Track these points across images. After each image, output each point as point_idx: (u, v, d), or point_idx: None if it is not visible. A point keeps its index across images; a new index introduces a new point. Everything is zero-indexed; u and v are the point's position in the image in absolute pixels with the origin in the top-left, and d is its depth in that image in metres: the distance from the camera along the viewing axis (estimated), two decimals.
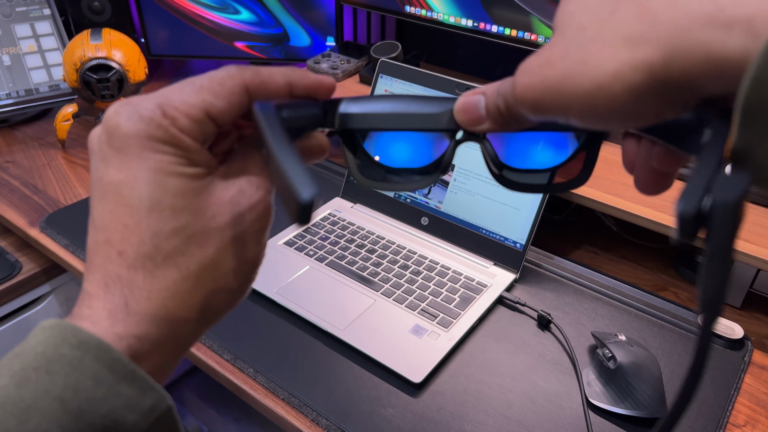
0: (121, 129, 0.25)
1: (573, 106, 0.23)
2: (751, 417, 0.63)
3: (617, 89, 0.21)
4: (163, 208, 0.25)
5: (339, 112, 0.30)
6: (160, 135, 0.25)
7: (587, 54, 0.22)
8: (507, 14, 0.93)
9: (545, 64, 0.23)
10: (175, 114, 0.26)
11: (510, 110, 0.26)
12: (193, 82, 0.27)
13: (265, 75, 0.28)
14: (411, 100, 0.30)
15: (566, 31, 0.23)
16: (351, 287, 0.77)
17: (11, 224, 0.93)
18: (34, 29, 1.17)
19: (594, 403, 0.63)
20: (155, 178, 0.25)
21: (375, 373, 0.67)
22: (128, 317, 0.25)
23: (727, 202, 0.19)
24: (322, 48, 1.26)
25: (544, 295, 0.78)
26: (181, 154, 0.26)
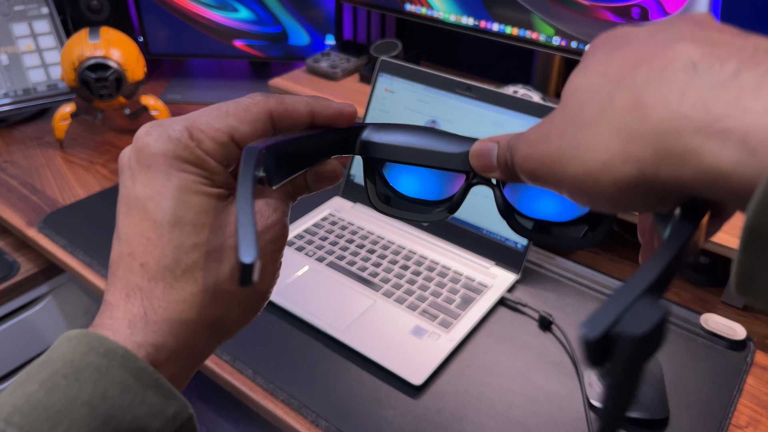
0: (150, 148, 0.27)
1: (564, 185, 0.23)
2: (753, 418, 0.63)
3: (605, 180, 0.21)
4: (185, 224, 0.27)
5: (361, 139, 0.32)
6: (186, 155, 0.27)
7: (581, 137, 0.22)
8: (508, 12, 0.93)
9: (544, 139, 0.24)
10: (202, 137, 0.28)
11: (512, 169, 0.27)
12: (220, 107, 0.29)
13: (289, 103, 0.30)
14: (432, 135, 0.31)
15: (568, 107, 0.23)
16: (351, 288, 0.77)
17: (9, 224, 0.93)
18: (32, 28, 1.16)
19: (595, 404, 0.62)
20: (179, 195, 0.27)
21: (375, 374, 0.66)
22: (147, 326, 0.26)
23: (633, 337, 0.18)
24: (322, 47, 1.26)
25: (545, 296, 0.77)
26: (205, 174, 0.28)
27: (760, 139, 0.17)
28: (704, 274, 0.81)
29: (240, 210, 0.24)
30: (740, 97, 0.18)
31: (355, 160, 0.93)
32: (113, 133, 1.16)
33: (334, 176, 0.32)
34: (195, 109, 0.29)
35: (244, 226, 0.23)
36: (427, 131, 0.31)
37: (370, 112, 0.90)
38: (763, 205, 0.17)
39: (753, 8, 0.72)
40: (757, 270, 0.18)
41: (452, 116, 0.83)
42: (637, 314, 0.18)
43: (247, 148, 0.26)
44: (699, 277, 0.82)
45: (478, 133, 0.90)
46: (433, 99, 0.84)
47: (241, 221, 0.24)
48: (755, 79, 0.18)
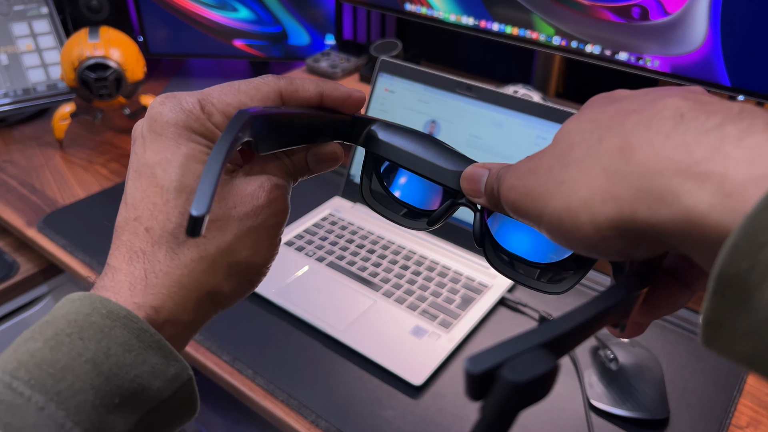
0: (163, 117, 0.28)
1: (543, 220, 0.23)
2: (753, 418, 0.63)
3: (583, 217, 0.21)
4: (190, 192, 0.28)
5: (367, 131, 0.32)
6: (196, 126, 0.28)
7: (567, 174, 0.22)
8: (508, 12, 0.93)
9: (531, 172, 0.24)
10: (212, 110, 0.29)
11: (496, 199, 0.27)
12: (232, 84, 0.30)
13: (299, 84, 0.31)
14: (435, 147, 0.31)
15: (558, 146, 0.24)
16: (351, 288, 0.77)
17: (9, 224, 0.93)
18: (31, 28, 1.16)
19: (595, 404, 0.62)
20: (186, 163, 0.28)
21: (375, 374, 0.66)
22: (147, 289, 0.27)
23: (510, 382, 0.18)
24: (322, 46, 1.26)
25: (545, 296, 0.77)
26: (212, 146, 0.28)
27: (737, 183, 0.17)
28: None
29: (208, 163, 0.24)
30: (722, 144, 0.18)
31: (355, 162, 0.93)
32: (113, 133, 1.16)
33: (334, 158, 0.33)
34: None
35: (207, 179, 0.23)
36: (431, 142, 0.31)
37: (370, 112, 0.90)
38: (734, 250, 0.16)
39: (753, 8, 0.72)
40: (724, 319, 0.17)
41: (452, 116, 0.82)
42: (525, 362, 0.18)
43: (239, 111, 0.27)
44: None
45: (478, 133, 0.90)
46: (433, 99, 0.84)
47: (205, 174, 0.24)
48: (738, 131, 0.18)
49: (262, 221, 0.29)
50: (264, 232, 0.30)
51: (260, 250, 0.30)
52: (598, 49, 0.87)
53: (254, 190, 0.29)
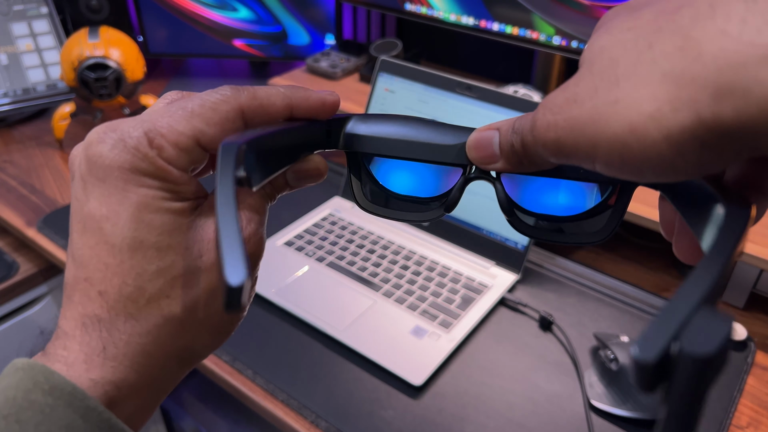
0: (104, 159, 0.24)
1: (600, 151, 0.20)
2: (753, 419, 0.63)
3: (654, 134, 0.18)
4: (147, 248, 0.24)
5: (345, 131, 0.29)
6: (145, 167, 0.24)
7: (619, 92, 0.19)
8: (508, 12, 0.93)
9: (571, 101, 0.20)
10: (162, 143, 0.24)
11: (527, 150, 0.23)
12: (184, 105, 0.25)
13: (263, 97, 0.26)
14: (423, 126, 0.28)
15: (595, 66, 0.20)
16: (351, 288, 0.77)
17: (8, 224, 0.92)
18: (31, 28, 1.16)
19: (596, 405, 0.62)
20: (139, 215, 0.24)
21: (375, 374, 0.66)
22: (105, 362, 0.24)
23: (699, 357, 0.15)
24: (322, 46, 1.25)
25: (545, 296, 0.77)
26: (168, 187, 0.24)
27: None
28: None
29: (222, 221, 0.20)
30: None
31: None
32: None
33: (317, 174, 0.29)
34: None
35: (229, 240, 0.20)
36: (418, 121, 0.28)
37: (370, 112, 0.90)
38: None
39: None
40: None
41: (452, 116, 0.82)
42: (700, 329, 0.16)
43: (225, 144, 0.22)
44: None
45: None
46: (433, 98, 0.84)
47: (224, 234, 0.20)
48: None
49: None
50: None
51: None
52: None
53: None
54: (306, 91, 0.28)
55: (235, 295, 0.19)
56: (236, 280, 0.19)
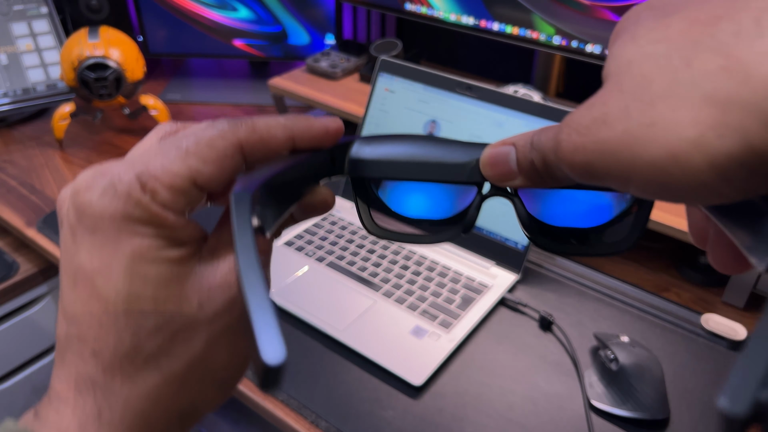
0: (94, 207, 0.22)
1: (635, 177, 0.18)
2: None
3: (697, 161, 0.16)
4: (144, 303, 0.22)
5: (350, 157, 0.27)
6: (138, 214, 0.22)
7: (655, 113, 0.17)
8: (508, 12, 0.92)
9: (600, 122, 0.19)
10: (156, 186, 0.22)
11: (549, 169, 0.22)
12: (178, 144, 0.23)
13: (263, 130, 0.24)
14: (432, 144, 0.27)
15: (624, 83, 0.18)
16: (351, 288, 0.77)
17: (8, 224, 0.93)
18: (31, 28, 1.16)
19: (596, 405, 0.62)
20: (134, 267, 0.22)
21: (375, 374, 0.66)
22: (101, 427, 0.22)
23: None
24: (322, 46, 1.25)
25: (545, 296, 0.77)
26: (164, 234, 0.23)
27: None
28: (705, 274, 0.81)
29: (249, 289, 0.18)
30: None
31: None
32: (113, 132, 1.16)
33: (325, 206, 0.27)
34: (194, 109, 0.25)
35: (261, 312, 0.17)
36: (425, 140, 0.27)
37: (370, 112, 0.90)
38: None
39: None
40: None
41: (452, 116, 0.82)
42: None
43: (236, 194, 0.20)
44: (700, 277, 0.81)
45: (478, 132, 0.89)
46: (433, 98, 0.84)
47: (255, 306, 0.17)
48: None
49: (238, 315, 0.23)
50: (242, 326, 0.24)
51: (239, 350, 0.24)
52: (598, 48, 0.87)
53: (224, 277, 0.23)
54: (308, 120, 0.26)
55: (273, 375, 0.17)
56: (275, 358, 0.17)
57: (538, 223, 0.27)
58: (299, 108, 1.21)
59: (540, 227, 0.27)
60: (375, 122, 0.89)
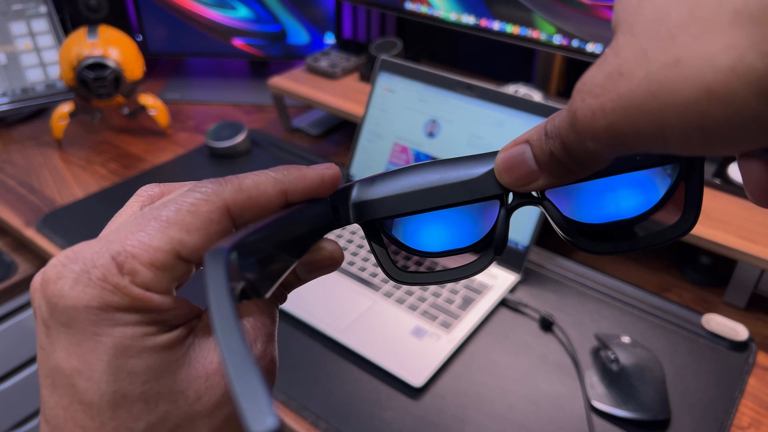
0: (66, 299, 0.19)
1: (671, 130, 0.15)
2: (755, 419, 0.63)
3: (741, 91, 0.14)
4: (132, 402, 0.19)
5: (352, 202, 0.25)
6: (117, 301, 0.19)
7: (679, 48, 0.15)
8: (509, 11, 0.92)
9: (615, 75, 0.16)
10: (135, 266, 0.19)
11: (571, 152, 0.19)
12: (157, 214, 0.20)
13: (251, 188, 0.22)
14: (438, 167, 0.24)
15: (637, 24, 0.16)
16: (350, 288, 0.76)
17: (7, 224, 0.92)
18: (30, 27, 1.16)
19: (596, 405, 0.62)
20: (117, 362, 0.19)
21: (375, 375, 0.66)
22: None
23: None
24: (321, 45, 1.25)
25: (546, 297, 0.77)
26: (149, 319, 0.20)
27: None
28: (706, 274, 0.81)
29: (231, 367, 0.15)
30: None
31: (355, 161, 0.92)
32: (112, 132, 1.16)
33: (333, 263, 0.25)
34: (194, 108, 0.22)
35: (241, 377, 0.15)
36: (429, 165, 0.24)
37: (370, 111, 0.89)
38: None
39: None
40: None
41: (452, 115, 0.82)
42: None
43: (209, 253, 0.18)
44: (701, 277, 0.81)
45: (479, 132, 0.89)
46: (433, 98, 0.83)
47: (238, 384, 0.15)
48: None
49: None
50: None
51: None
52: (599, 48, 0.86)
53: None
54: (300, 171, 0.23)
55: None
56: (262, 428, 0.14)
57: (577, 225, 0.24)
58: (299, 108, 1.20)
59: (580, 229, 0.24)
60: (375, 122, 0.89)
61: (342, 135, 1.15)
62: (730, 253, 0.71)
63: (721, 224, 0.73)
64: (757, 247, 0.69)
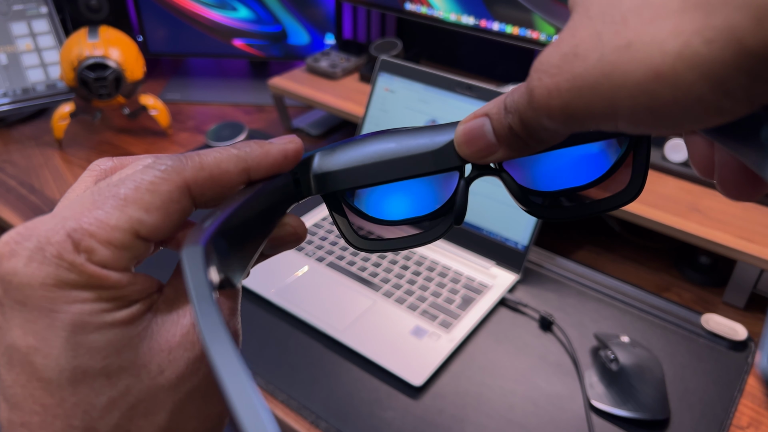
0: (20, 276, 0.18)
1: (622, 109, 0.16)
2: (754, 419, 0.63)
3: (687, 75, 0.14)
4: (92, 377, 0.19)
5: (313, 173, 0.24)
6: (74, 278, 0.19)
7: (630, 32, 0.15)
8: (508, 11, 0.92)
9: (571, 56, 0.17)
10: (92, 244, 0.19)
11: (528, 128, 0.20)
12: (115, 192, 0.20)
13: (212, 166, 0.21)
14: (397, 137, 0.24)
15: (592, 7, 0.17)
16: (350, 288, 0.77)
17: (7, 224, 0.92)
18: (30, 27, 1.16)
19: (596, 405, 0.62)
20: (76, 338, 0.19)
21: (375, 375, 0.66)
22: None
23: None
24: (321, 46, 1.25)
25: (546, 296, 0.77)
26: (107, 295, 0.19)
27: None
28: (705, 274, 0.81)
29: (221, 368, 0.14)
30: None
31: None
32: (112, 132, 1.16)
33: (295, 239, 0.25)
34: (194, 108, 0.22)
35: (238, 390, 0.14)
36: (389, 134, 0.25)
37: (370, 112, 0.89)
38: None
39: None
40: None
41: (452, 116, 0.82)
42: None
43: (186, 250, 0.17)
44: (700, 277, 0.81)
45: None
46: (433, 98, 0.84)
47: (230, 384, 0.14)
48: None
49: (205, 375, 0.20)
50: (211, 386, 0.21)
51: (211, 412, 0.21)
52: None
53: (186, 334, 0.20)
54: (263, 147, 0.23)
55: None
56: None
57: (532, 193, 0.25)
58: (299, 108, 1.21)
59: (535, 197, 0.25)
60: (375, 122, 0.89)
61: (342, 135, 1.15)
62: (730, 253, 0.71)
63: (720, 224, 0.73)
64: (756, 247, 0.69)
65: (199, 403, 0.21)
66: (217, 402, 0.21)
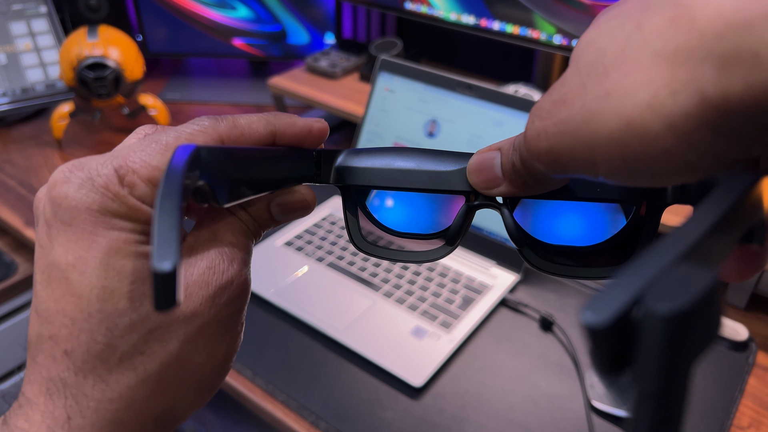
0: (70, 200, 0.21)
1: (599, 156, 0.17)
2: (755, 419, 0.63)
3: (654, 125, 0.15)
4: (118, 298, 0.21)
5: (336, 165, 0.26)
6: (116, 208, 0.21)
7: (610, 83, 0.16)
8: (509, 11, 0.92)
9: (559, 103, 0.18)
10: (135, 180, 0.22)
11: (526, 167, 0.21)
12: (158, 138, 0.23)
13: (244, 125, 0.24)
14: (420, 154, 0.26)
15: (582, 60, 0.18)
16: (350, 288, 0.76)
17: (7, 224, 0.92)
18: (30, 27, 1.16)
19: (597, 405, 0.62)
20: (109, 261, 0.21)
21: (375, 375, 0.66)
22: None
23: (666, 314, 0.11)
24: (321, 45, 1.25)
25: (546, 296, 0.77)
26: (141, 229, 0.22)
27: None
28: None
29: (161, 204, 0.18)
30: None
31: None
32: (111, 132, 1.16)
33: (305, 206, 0.26)
34: (194, 108, 0.25)
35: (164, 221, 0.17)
36: (414, 151, 0.26)
37: (370, 111, 0.89)
38: None
39: None
40: None
41: (452, 115, 0.82)
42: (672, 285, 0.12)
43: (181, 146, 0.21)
44: None
45: (479, 132, 0.89)
46: (433, 98, 0.83)
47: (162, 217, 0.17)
48: None
49: (216, 314, 0.23)
50: (221, 326, 0.23)
51: (218, 350, 0.24)
52: None
53: (202, 275, 0.23)
54: (291, 117, 0.26)
55: (164, 283, 0.16)
56: (166, 264, 0.16)
57: (529, 239, 0.25)
58: (299, 108, 1.20)
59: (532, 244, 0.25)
60: (375, 121, 0.89)
61: (342, 135, 1.15)
62: None
63: None
64: None
65: (208, 339, 0.23)
66: (224, 343, 0.24)
